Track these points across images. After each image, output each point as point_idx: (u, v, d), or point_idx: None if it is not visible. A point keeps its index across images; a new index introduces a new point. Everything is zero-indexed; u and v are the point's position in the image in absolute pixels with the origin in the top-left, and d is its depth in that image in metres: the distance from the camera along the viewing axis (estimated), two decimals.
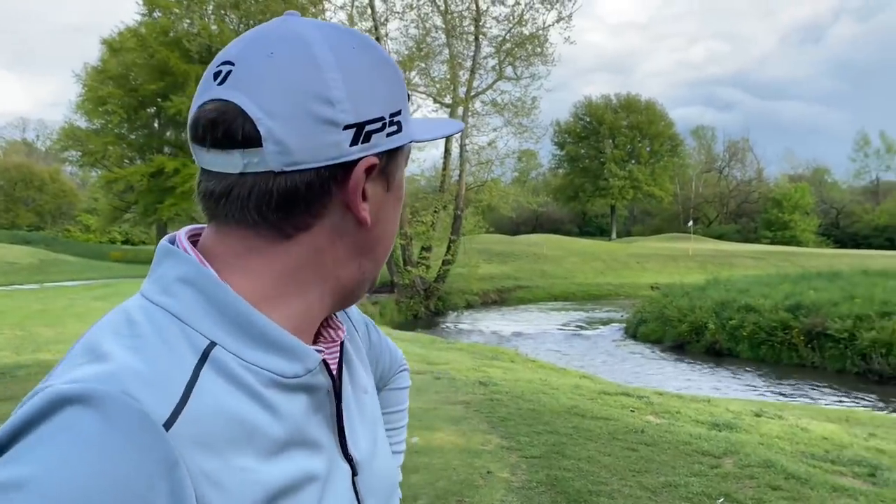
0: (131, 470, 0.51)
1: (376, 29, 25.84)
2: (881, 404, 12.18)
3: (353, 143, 0.64)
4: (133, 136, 39.35)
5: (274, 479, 0.60)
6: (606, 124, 64.13)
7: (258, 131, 0.61)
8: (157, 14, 36.56)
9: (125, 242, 57.26)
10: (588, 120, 66.54)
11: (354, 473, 0.71)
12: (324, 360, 0.67)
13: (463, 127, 0.76)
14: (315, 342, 0.73)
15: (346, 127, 0.63)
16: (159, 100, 35.57)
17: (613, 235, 65.61)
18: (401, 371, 1.08)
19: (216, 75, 0.63)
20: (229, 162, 0.62)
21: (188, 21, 33.99)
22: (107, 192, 39.43)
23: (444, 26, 27.28)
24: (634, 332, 20.41)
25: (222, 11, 33.46)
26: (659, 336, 19.15)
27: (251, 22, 33.09)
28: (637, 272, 38.51)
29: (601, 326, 22.98)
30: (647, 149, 65.08)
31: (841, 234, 64.35)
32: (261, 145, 0.61)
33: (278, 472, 0.61)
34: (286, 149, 0.61)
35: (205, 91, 0.64)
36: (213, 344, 0.61)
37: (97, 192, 44.02)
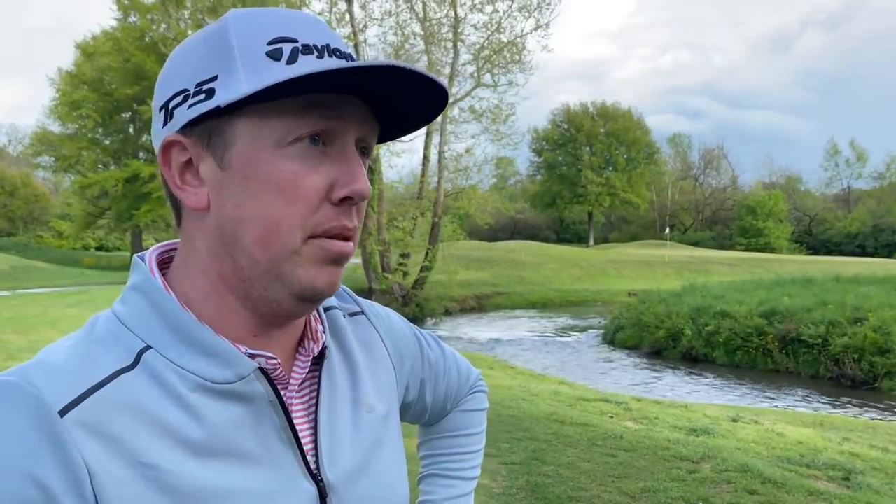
0: (13, 442, 0.55)
1: (355, 35, 25.83)
2: (854, 409, 12.37)
3: (164, 124, 0.64)
4: (108, 141, 38.90)
5: (182, 484, 0.58)
6: (584, 131, 64.59)
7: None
8: (133, 18, 36.22)
9: (99, 249, 56.47)
10: (566, 127, 66.95)
11: (323, 495, 0.67)
12: (261, 369, 0.64)
13: (334, 67, 0.58)
14: (296, 353, 0.71)
15: (160, 111, 0.65)
16: (135, 104, 35.20)
17: (591, 242, 66.02)
18: (474, 392, 1.03)
19: None
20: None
21: (165, 25, 33.71)
22: (80, 198, 38.91)
23: (422, 33, 27.36)
24: (612, 339, 20.51)
25: (200, 16, 33.23)
26: (636, 342, 19.28)
27: None
28: (614, 279, 38.76)
29: (579, 333, 23.08)
30: (624, 156, 65.63)
31: (814, 241, 65.33)
32: None
33: (189, 477, 0.59)
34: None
35: None
36: (147, 347, 0.62)
37: (70, 198, 43.42)
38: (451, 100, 22.30)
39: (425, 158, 28.31)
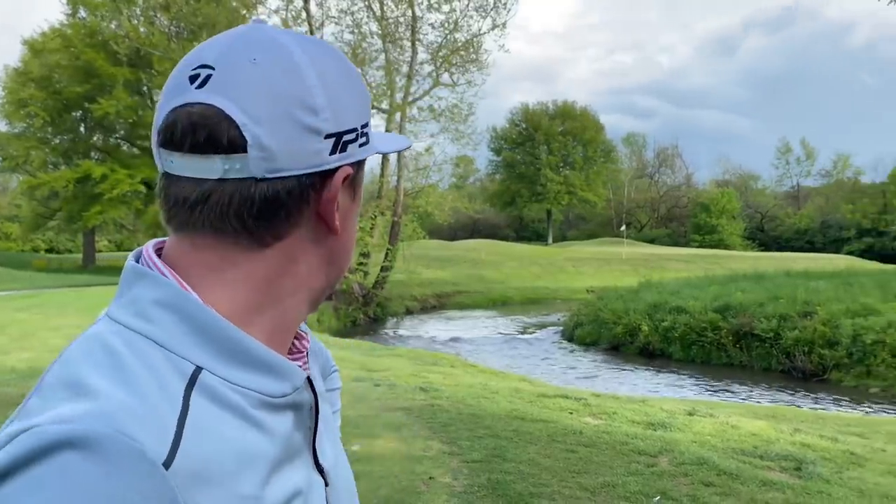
0: None
1: (311, 33, 25.59)
2: (805, 400, 12.74)
3: (333, 152, 0.64)
4: (57, 140, 37.81)
5: (273, 501, 0.60)
6: (542, 131, 65.16)
7: (244, 137, 0.59)
8: (81, 14, 35.29)
9: (49, 251, 54.91)
10: (524, 126, 67.48)
11: (326, 484, 0.71)
12: (308, 377, 0.67)
13: (412, 143, 0.76)
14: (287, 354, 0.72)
15: (328, 136, 0.64)
16: (86, 103, 34.30)
17: (550, 240, 66.67)
18: (333, 372, 1.08)
19: (193, 78, 0.61)
20: (208, 167, 0.60)
21: (116, 23, 32.93)
22: (29, 199, 37.79)
23: (380, 32, 27.24)
24: (571, 336, 20.75)
25: (152, 13, 32.55)
26: (595, 338, 19.53)
27: (182, 25, 32.30)
28: (573, 276, 39.21)
29: (539, 330, 23.29)
30: (581, 155, 66.46)
31: (765, 237, 67.07)
32: (245, 151, 0.60)
33: (276, 492, 0.60)
34: (270, 155, 0.60)
35: (179, 94, 0.62)
36: (199, 369, 0.59)
37: (19, 199, 42.11)
38: (409, 98, 22.21)
39: (384, 158, 28.19)
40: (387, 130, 27.80)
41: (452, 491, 4.47)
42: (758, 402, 12.16)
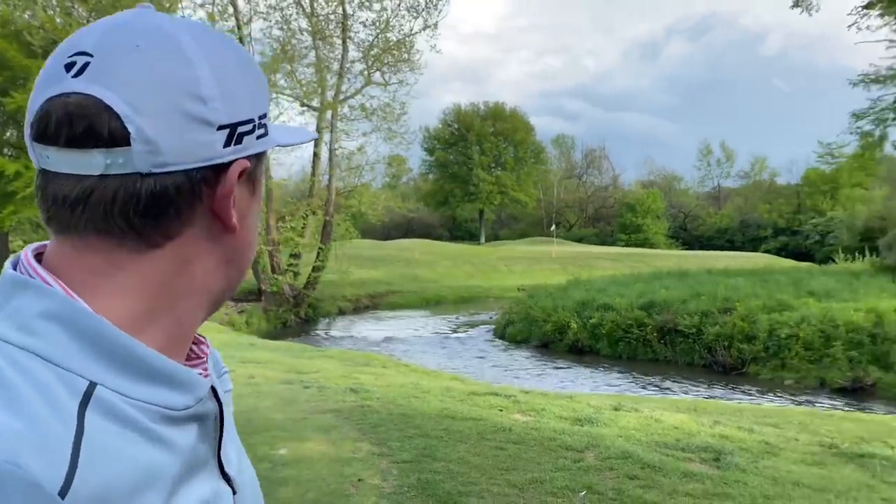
0: None
1: (239, 29, 25.04)
2: (726, 393, 13.25)
3: (227, 144, 0.61)
4: None
5: None
6: (474, 131, 65.64)
7: (126, 129, 0.55)
8: None
9: None
10: (456, 126, 67.83)
11: (234, 492, 0.68)
12: (211, 386, 0.64)
13: (316, 136, 0.73)
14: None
15: (220, 127, 0.60)
16: None
17: (482, 239, 67.20)
18: (224, 374, 1.04)
19: (68, 66, 0.56)
20: (88, 162, 0.55)
21: (30, 13, 31.40)
22: None
23: (310, 29, 26.87)
24: (503, 333, 20.96)
25: (69, 3, 31.18)
26: (526, 336, 19.79)
27: (101, 16, 31.08)
28: (505, 275, 39.63)
29: (472, 329, 23.44)
30: (513, 155, 67.30)
31: (688, 236, 69.40)
32: (128, 144, 0.55)
33: None
34: (156, 148, 0.56)
35: (54, 83, 0.57)
36: (93, 385, 0.54)
37: None
38: (340, 97, 21.94)
39: (315, 156, 27.86)
40: (318, 129, 27.49)
41: (382, 492, 4.45)
42: (682, 395, 12.57)
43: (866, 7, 20.26)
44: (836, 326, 14.16)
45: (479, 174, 64.14)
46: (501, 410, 6.90)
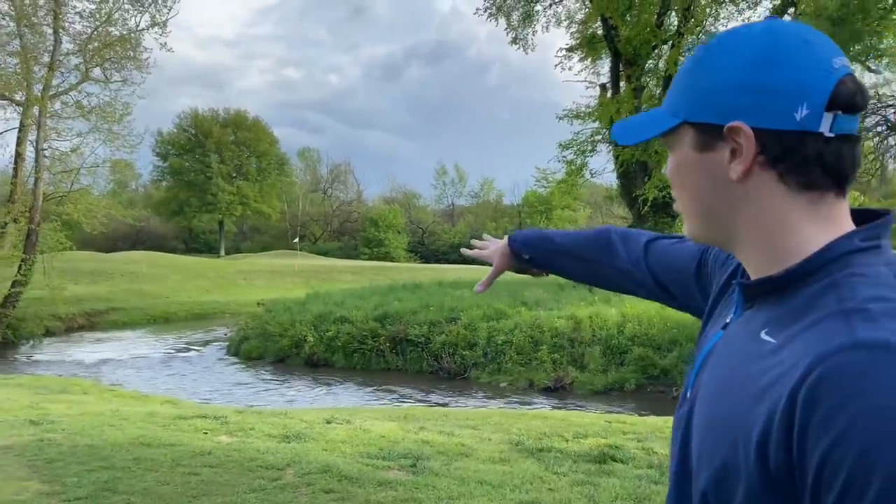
0: None
1: None
2: (450, 398, 14.01)
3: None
4: None
5: None
6: (213, 138, 62.60)
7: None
8: None
9: None
10: (193, 132, 64.14)
11: None
12: None
13: None
14: None
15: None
16: None
17: (222, 252, 64.24)
18: None
19: None
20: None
21: None
22: None
23: (13, 13, 23.66)
24: (237, 350, 20.15)
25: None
26: (261, 352, 19.22)
27: None
28: (244, 289, 38.21)
29: (204, 346, 22.19)
30: (255, 166, 65.45)
31: (425, 250, 72.86)
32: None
33: None
34: None
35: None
36: None
37: None
38: (51, 91, 19.60)
39: (18, 156, 24.50)
40: (22, 125, 24.23)
41: None
42: (410, 403, 13.01)
43: (569, 50, 22.98)
44: (542, 332, 15.71)
45: (218, 183, 61.30)
46: (206, 433, 6.52)
